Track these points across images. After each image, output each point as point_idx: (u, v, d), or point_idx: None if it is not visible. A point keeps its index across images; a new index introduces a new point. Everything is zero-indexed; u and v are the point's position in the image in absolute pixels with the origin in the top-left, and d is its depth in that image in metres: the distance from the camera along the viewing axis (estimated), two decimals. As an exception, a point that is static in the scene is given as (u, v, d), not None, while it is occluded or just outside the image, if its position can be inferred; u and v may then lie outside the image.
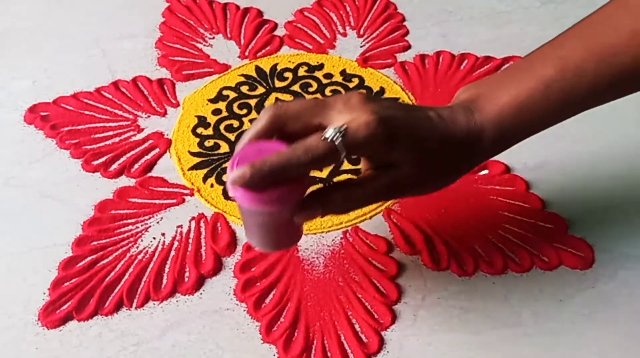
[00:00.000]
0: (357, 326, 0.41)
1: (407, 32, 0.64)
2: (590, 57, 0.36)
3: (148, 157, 0.52)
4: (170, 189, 0.49)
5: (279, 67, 0.60)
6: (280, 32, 0.64)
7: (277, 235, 0.38)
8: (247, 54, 0.61)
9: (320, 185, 0.47)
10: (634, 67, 0.36)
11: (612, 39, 0.36)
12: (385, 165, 0.36)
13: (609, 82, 0.37)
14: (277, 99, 0.57)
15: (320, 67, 0.60)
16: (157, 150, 0.52)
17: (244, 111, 0.56)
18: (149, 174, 0.51)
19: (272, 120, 0.35)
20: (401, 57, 0.61)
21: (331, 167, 0.50)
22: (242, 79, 0.59)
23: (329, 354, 0.40)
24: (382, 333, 0.41)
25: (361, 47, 0.62)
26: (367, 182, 0.36)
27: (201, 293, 0.43)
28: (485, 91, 0.38)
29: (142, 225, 0.47)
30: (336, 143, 0.33)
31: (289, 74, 0.59)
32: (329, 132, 0.33)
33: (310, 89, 0.58)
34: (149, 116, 0.55)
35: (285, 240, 0.39)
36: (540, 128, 0.39)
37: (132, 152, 0.52)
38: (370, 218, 0.47)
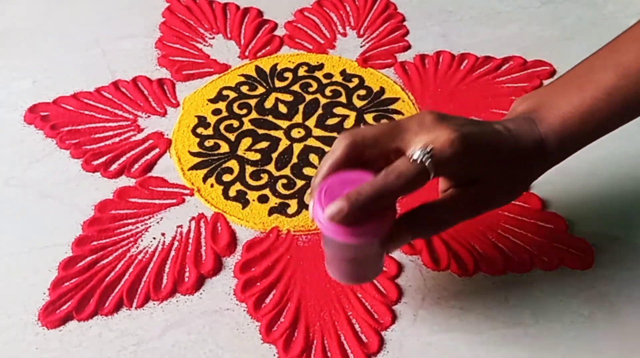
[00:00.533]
0: (357, 326, 0.41)
1: (407, 32, 0.64)
2: None
3: (148, 157, 0.52)
4: (170, 189, 0.49)
5: (279, 67, 0.60)
6: (280, 32, 0.64)
7: (366, 267, 0.37)
8: (247, 54, 0.61)
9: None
10: None
11: None
12: (467, 182, 0.36)
13: None
14: (276, 99, 0.57)
15: (320, 67, 0.60)
16: (157, 150, 0.52)
17: (244, 111, 0.56)
18: (149, 174, 0.51)
19: (350, 148, 0.35)
20: (401, 57, 0.61)
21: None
22: (242, 79, 0.59)
23: (329, 354, 0.40)
24: (382, 333, 0.41)
25: (361, 47, 0.62)
26: (453, 201, 0.36)
27: (201, 293, 0.43)
28: (545, 101, 0.38)
29: (142, 225, 0.47)
30: (426, 164, 0.33)
31: (289, 74, 0.59)
32: (417, 154, 0.33)
33: (310, 89, 0.58)
34: (149, 116, 0.55)
35: (372, 272, 0.38)
36: (602, 134, 0.39)
37: (132, 152, 0.52)
38: (370, 218, 0.47)
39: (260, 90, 0.58)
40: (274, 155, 0.52)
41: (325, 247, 0.37)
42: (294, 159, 0.52)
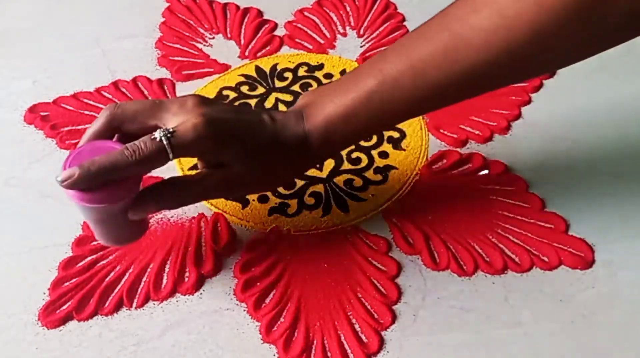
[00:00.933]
0: (357, 326, 0.41)
1: (407, 32, 0.64)
2: (408, 70, 0.38)
3: (148, 157, 0.52)
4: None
5: (279, 67, 0.60)
6: (280, 32, 0.64)
7: (116, 230, 0.39)
8: (247, 54, 0.61)
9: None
10: (447, 82, 0.37)
11: (428, 55, 0.37)
12: (215, 165, 0.39)
13: (425, 95, 0.38)
14: (276, 99, 0.57)
15: (320, 67, 0.60)
16: (157, 150, 0.52)
17: (244, 111, 0.56)
18: (149, 175, 0.51)
19: (109, 120, 0.37)
20: (401, 57, 0.61)
21: (332, 166, 0.51)
22: (242, 79, 0.59)
23: (329, 354, 0.40)
24: (382, 333, 0.41)
25: (361, 47, 0.62)
26: (198, 180, 0.39)
27: (201, 293, 0.43)
28: (317, 99, 0.41)
29: (142, 225, 0.47)
30: (165, 144, 0.35)
31: (289, 74, 0.60)
32: (157, 134, 0.36)
33: (310, 89, 0.58)
34: (149, 116, 0.55)
35: (126, 234, 0.40)
36: (365, 135, 0.42)
37: (132, 152, 0.52)
38: (371, 218, 0.48)
39: (260, 90, 0.58)
40: (274, 155, 0.52)
41: (81, 213, 0.38)
42: (294, 159, 0.52)
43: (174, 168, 0.51)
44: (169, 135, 0.36)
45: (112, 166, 0.35)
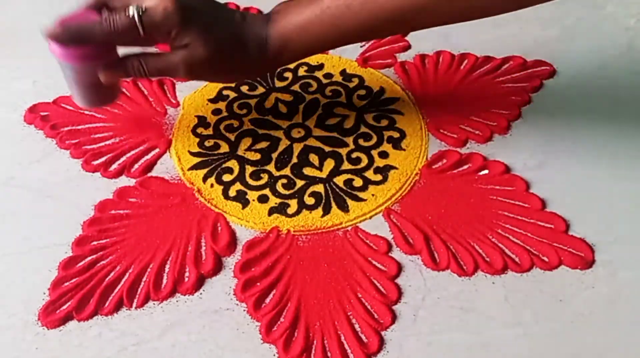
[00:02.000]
0: (357, 326, 0.41)
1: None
2: None
3: (148, 157, 0.52)
4: (170, 190, 0.49)
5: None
6: (280, 32, 0.64)
7: (89, 91, 0.46)
8: (247, 54, 0.61)
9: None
10: (392, 7, 0.42)
11: None
12: (182, 46, 0.43)
13: (372, 17, 0.43)
14: (276, 99, 0.57)
15: (320, 67, 0.60)
16: (157, 150, 0.52)
17: (244, 111, 0.56)
18: (149, 174, 0.51)
19: None
20: (401, 57, 0.61)
21: (332, 166, 0.51)
22: (242, 79, 0.59)
23: (329, 354, 0.40)
24: (382, 333, 0.41)
25: (361, 47, 0.62)
26: (163, 55, 0.44)
27: (201, 293, 0.43)
28: (286, 8, 0.45)
29: (142, 225, 0.47)
30: (135, 19, 0.41)
31: (288, 74, 0.59)
32: (131, 10, 0.41)
33: (310, 89, 0.58)
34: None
35: (99, 97, 0.47)
36: (319, 48, 0.46)
37: (132, 152, 0.52)
38: (370, 218, 0.48)
39: (260, 90, 0.58)
40: (274, 155, 0.52)
41: (63, 74, 0.46)
42: (294, 159, 0.52)
43: (173, 168, 0.51)
44: (140, 12, 0.41)
45: (88, 30, 0.42)
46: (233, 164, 0.51)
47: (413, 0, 0.41)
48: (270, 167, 0.51)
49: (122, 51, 0.46)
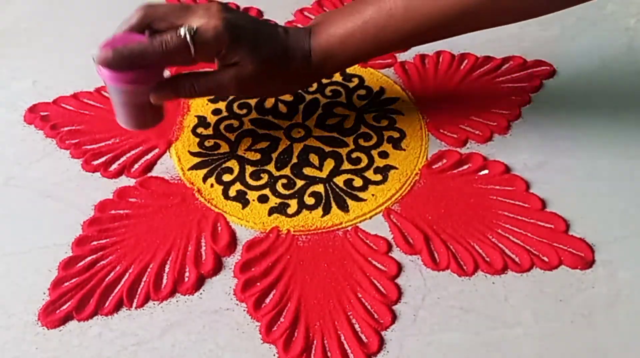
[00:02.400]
0: (357, 326, 0.41)
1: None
2: (401, 3, 0.43)
3: (148, 157, 0.52)
4: (170, 190, 0.49)
5: (279, 67, 0.60)
6: (280, 32, 0.64)
7: (138, 113, 0.46)
8: (247, 54, 0.61)
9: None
10: (437, 15, 0.42)
11: None
12: (230, 65, 0.44)
13: (415, 26, 0.43)
14: (277, 99, 0.57)
15: (320, 67, 0.60)
16: (157, 150, 0.52)
17: (244, 111, 0.56)
18: (149, 174, 0.51)
19: (142, 16, 0.43)
20: (401, 57, 0.61)
21: (332, 166, 0.51)
22: (242, 79, 0.59)
23: (329, 354, 0.40)
24: (382, 333, 0.41)
25: (361, 47, 0.62)
26: (213, 73, 0.45)
27: (201, 293, 0.43)
28: (325, 19, 0.47)
29: (142, 225, 0.47)
30: (187, 39, 0.41)
31: (289, 74, 0.59)
32: (182, 30, 0.42)
33: (310, 89, 0.58)
34: (149, 116, 0.55)
35: (147, 119, 0.47)
36: (360, 58, 0.47)
37: (132, 152, 0.52)
38: (370, 218, 0.48)
39: (260, 90, 0.58)
40: (274, 155, 0.52)
41: (110, 96, 0.46)
42: (294, 159, 0.52)
43: (173, 168, 0.51)
44: (192, 32, 0.41)
45: (140, 52, 0.41)
46: (233, 164, 0.51)
47: (456, 6, 0.42)
48: (270, 167, 0.51)
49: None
